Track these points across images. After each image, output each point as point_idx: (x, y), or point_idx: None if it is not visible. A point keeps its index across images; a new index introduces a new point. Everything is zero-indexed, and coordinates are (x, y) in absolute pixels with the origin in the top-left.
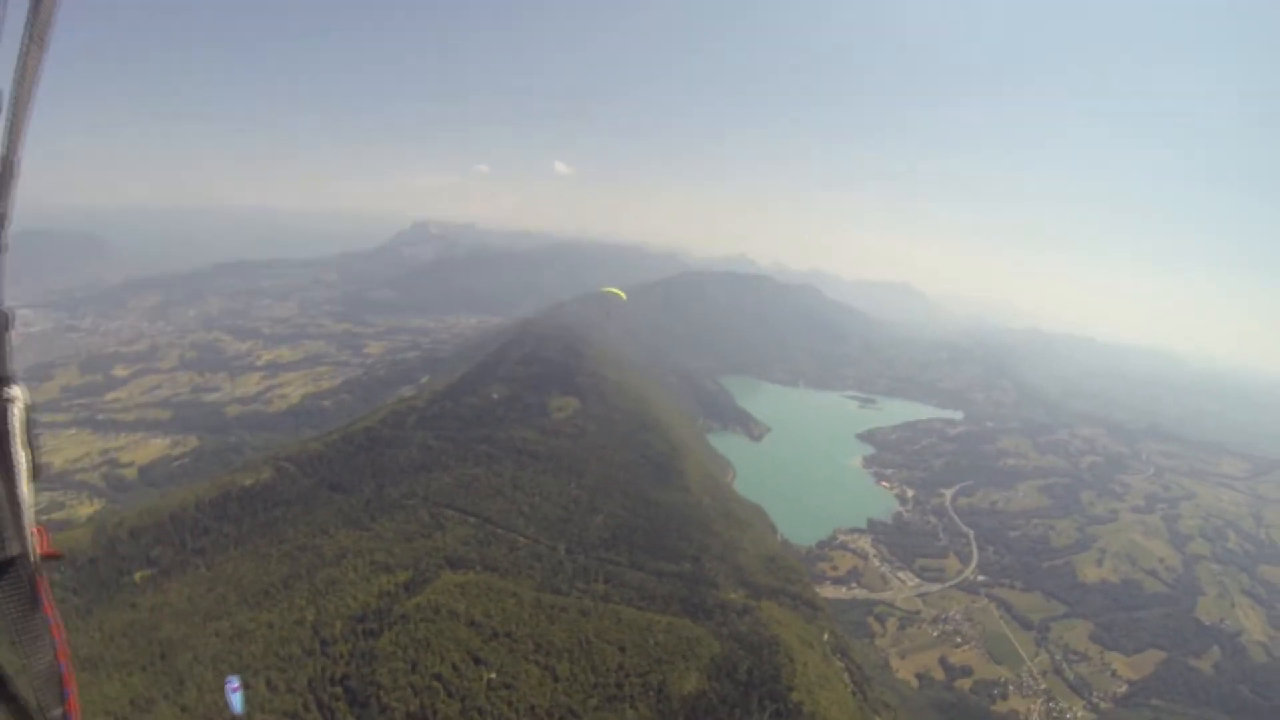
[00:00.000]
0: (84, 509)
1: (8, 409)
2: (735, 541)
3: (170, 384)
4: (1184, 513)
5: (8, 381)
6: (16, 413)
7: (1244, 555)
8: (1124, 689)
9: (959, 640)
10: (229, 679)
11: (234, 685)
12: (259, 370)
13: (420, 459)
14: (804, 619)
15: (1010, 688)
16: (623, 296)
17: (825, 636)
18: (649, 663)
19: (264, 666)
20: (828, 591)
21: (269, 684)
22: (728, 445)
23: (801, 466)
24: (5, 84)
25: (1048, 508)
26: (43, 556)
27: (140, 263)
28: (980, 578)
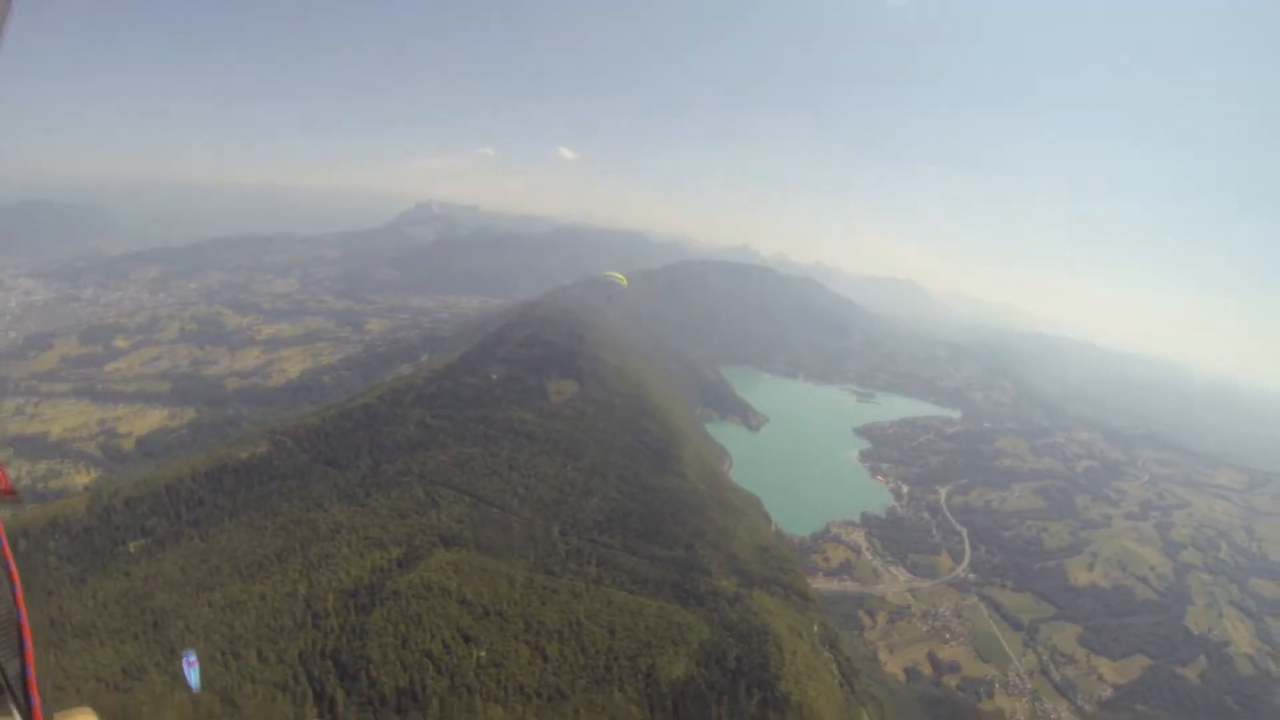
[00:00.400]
0: (81, 478)
1: None
2: (729, 530)
3: (170, 356)
4: (1177, 521)
5: None
6: None
7: (1235, 567)
8: (1109, 693)
9: (948, 637)
10: (185, 653)
11: (190, 660)
12: (259, 345)
13: (417, 437)
14: (795, 609)
15: (997, 686)
16: (624, 282)
17: (815, 627)
18: (638, 646)
19: (255, 638)
20: (819, 583)
21: (260, 655)
22: (725, 434)
23: (798, 458)
24: None
25: (1042, 510)
26: None
27: (142, 235)
28: (971, 576)
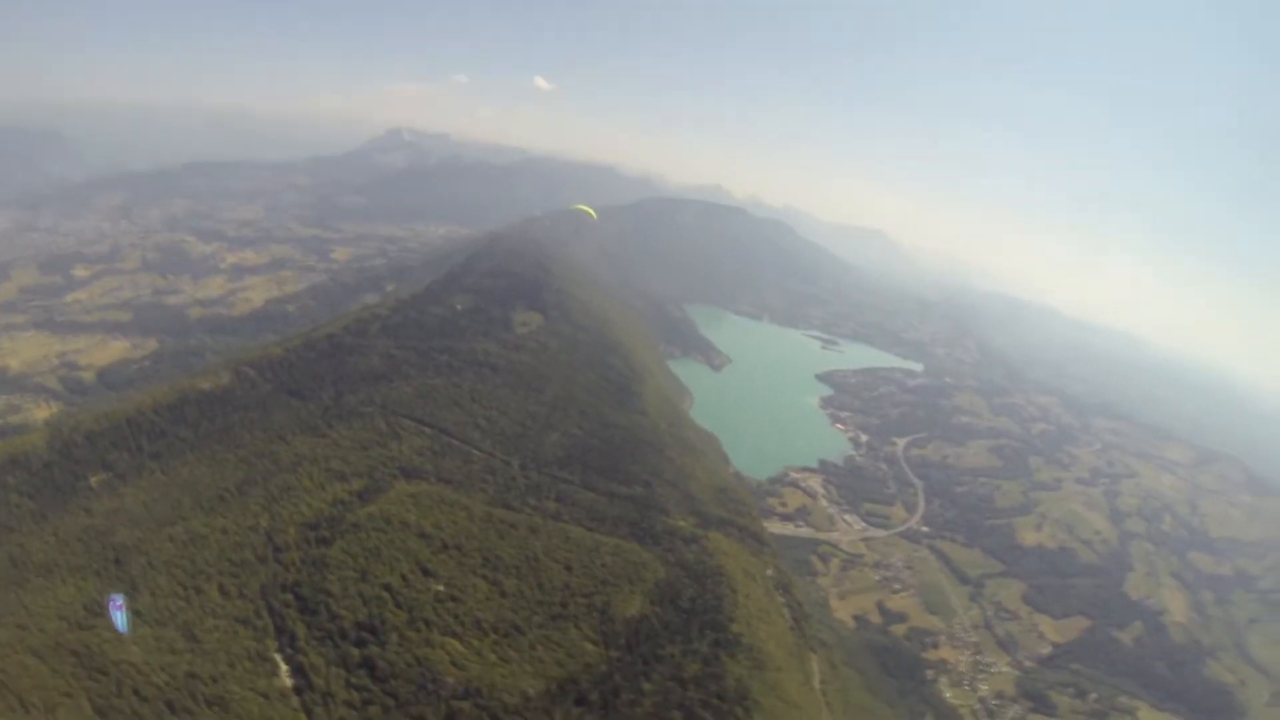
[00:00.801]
0: (40, 412)
1: None
2: (688, 469)
3: (131, 285)
4: (1125, 490)
5: None
6: None
7: (1176, 539)
8: (1049, 650)
9: (898, 587)
10: (112, 597)
11: (118, 603)
12: (223, 273)
13: (381, 367)
14: (750, 552)
15: (942, 638)
16: (593, 215)
17: (769, 571)
18: (594, 584)
19: (217, 572)
20: (775, 527)
21: (222, 589)
22: (688, 372)
23: (759, 400)
24: None
25: (996, 468)
26: None
27: (104, 161)
28: (924, 528)
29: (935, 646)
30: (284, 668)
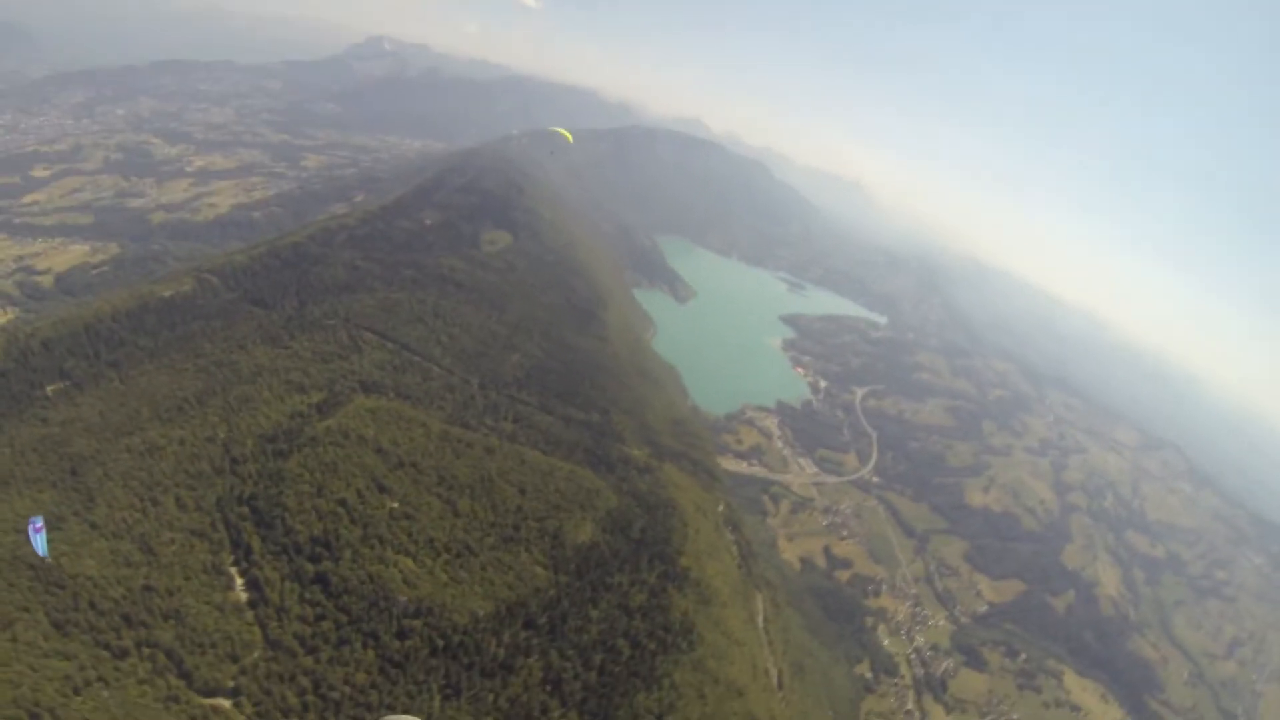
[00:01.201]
0: None
1: None
2: (646, 399)
3: (93, 187)
4: (1072, 464)
5: None
6: None
7: (1116, 517)
8: (984, 609)
9: (845, 534)
10: (32, 520)
11: (37, 526)
12: (188, 177)
13: (345, 279)
14: (702, 487)
15: (884, 587)
16: (569, 138)
17: (720, 508)
18: (547, 508)
19: (173, 484)
20: (729, 464)
21: (178, 502)
22: (653, 302)
23: (722, 336)
24: None
25: (950, 428)
26: None
27: (67, 56)
28: (875, 479)
29: (877, 595)
30: (239, 581)
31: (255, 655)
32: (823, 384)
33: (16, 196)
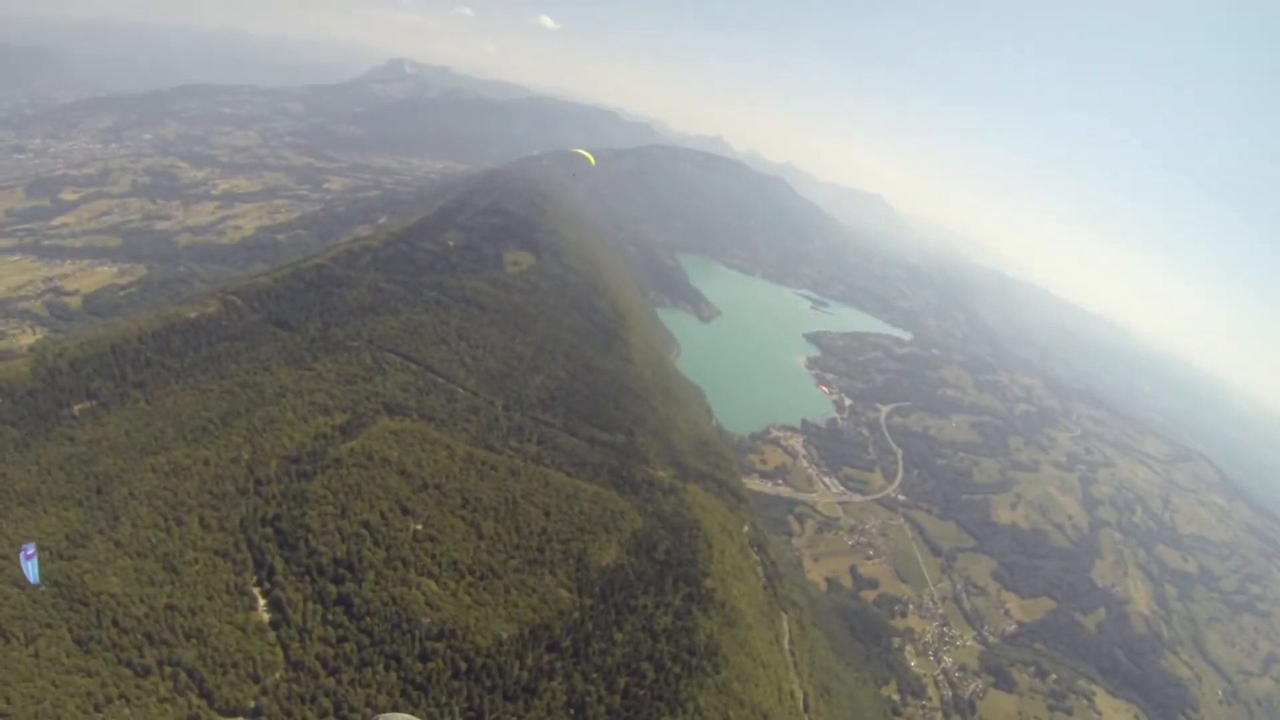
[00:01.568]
0: (25, 338)
1: None
2: (670, 420)
3: (120, 210)
4: (1100, 479)
5: None
6: None
7: (1146, 532)
8: (1013, 628)
9: (871, 553)
10: (24, 547)
11: (29, 553)
12: (214, 200)
13: (369, 301)
14: (727, 507)
15: (911, 607)
16: (591, 160)
17: (745, 528)
18: (572, 530)
19: (197, 504)
20: (754, 484)
21: (202, 522)
22: (676, 322)
23: (746, 355)
24: None
25: (976, 444)
26: None
27: (96, 81)
28: (901, 497)
29: (904, 615)
30: (262, 602)
31: (277, 676)
32: (847, 402)
33: (46, 219)
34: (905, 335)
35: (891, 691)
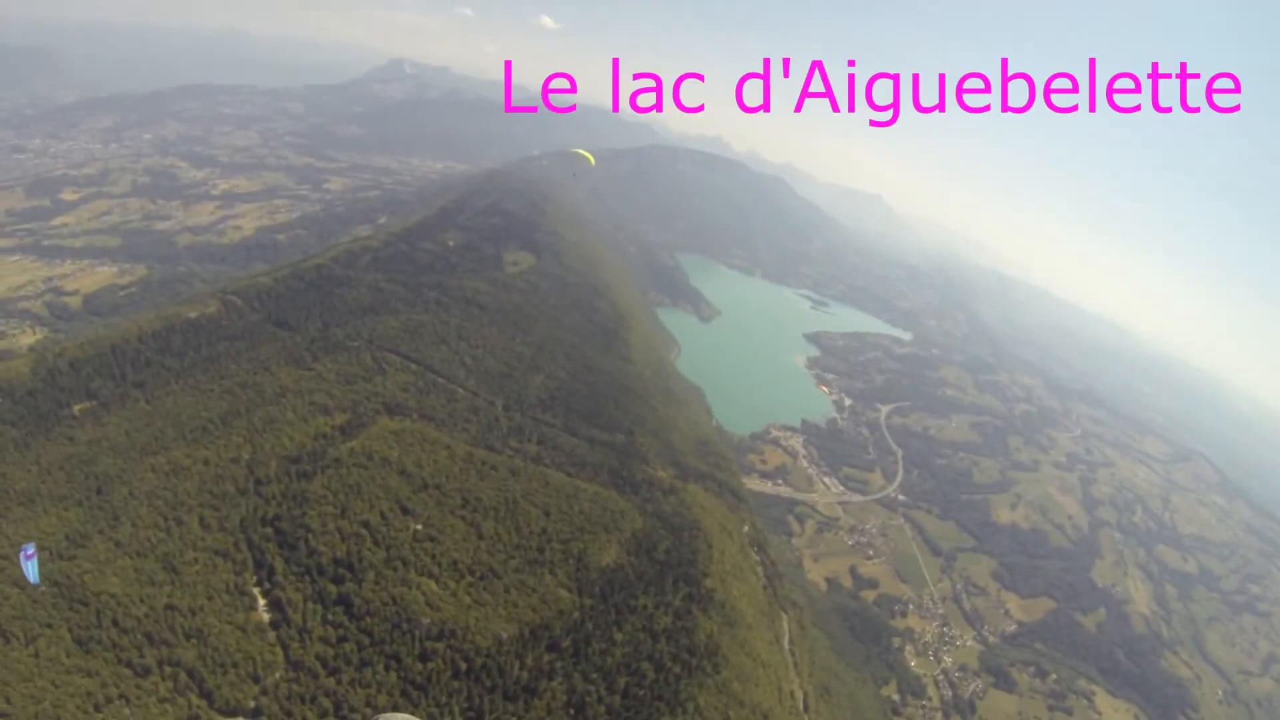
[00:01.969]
0: (25, 338)
1: None
2: (670, 420)
3: (120, 210)
4: (1100, 479)
5: None
6: None
7: (1146, 532)
8: (1013, 628)
9: (871, 553)
10: (24, 547)
11: (29, 553)
12: (214, 200)
13: (369, 301)
14: (727, 507)
15: (911, 607)
16: (591, 160)
17: (745, 528)
18: (572, 530)
19: (197, 504)
20: (753, 484)
21: (202, 522)
22: (676, 322)
23: (745, 355)
24: None
25: (976, 444)
26: None
27: (96, 81)
28: (901, 497)
29: (904, 615)
30: (261, 602)
31: (277, 676)
32: (847, 402)
33: (46, 219)
34: (905, 335)
35: (891, 691)
